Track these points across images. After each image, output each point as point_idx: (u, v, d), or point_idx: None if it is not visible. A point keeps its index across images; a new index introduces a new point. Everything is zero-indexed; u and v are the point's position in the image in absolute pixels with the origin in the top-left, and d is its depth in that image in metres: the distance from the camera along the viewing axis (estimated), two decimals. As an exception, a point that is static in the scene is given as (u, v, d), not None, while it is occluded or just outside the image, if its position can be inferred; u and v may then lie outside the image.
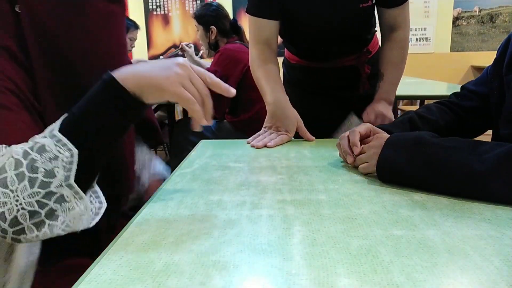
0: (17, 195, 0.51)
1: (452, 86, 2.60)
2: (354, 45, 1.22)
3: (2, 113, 0.58)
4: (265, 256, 0.45)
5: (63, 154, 0.52)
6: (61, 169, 0.52)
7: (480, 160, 0.59)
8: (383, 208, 0.59)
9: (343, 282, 0.40)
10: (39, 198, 0.52)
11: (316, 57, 1.27)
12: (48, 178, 0.52)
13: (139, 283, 0.41)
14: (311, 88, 1.32)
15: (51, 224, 0.53)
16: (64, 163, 0.52)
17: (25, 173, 0.52)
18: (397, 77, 1.15)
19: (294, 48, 1.30)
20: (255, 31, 1.16)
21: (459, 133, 0.89)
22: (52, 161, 0.52)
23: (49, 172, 0.52)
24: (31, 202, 0.51)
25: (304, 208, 0.59)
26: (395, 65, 1.15)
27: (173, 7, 4.71)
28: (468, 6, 4.36)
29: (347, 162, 0.78)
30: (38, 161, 0.52)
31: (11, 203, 0.51)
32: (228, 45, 2.09)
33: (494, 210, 0.57)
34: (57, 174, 0.52)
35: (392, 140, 0.68)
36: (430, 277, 0.41)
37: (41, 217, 0.53)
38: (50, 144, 0.53)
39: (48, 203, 0.53)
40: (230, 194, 0.66)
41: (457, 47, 4.47)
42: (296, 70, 1.34)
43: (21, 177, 0.52)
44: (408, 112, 0.90)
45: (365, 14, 1.13)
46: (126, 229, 0.54)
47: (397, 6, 1.09)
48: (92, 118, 0.55)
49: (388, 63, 1.15)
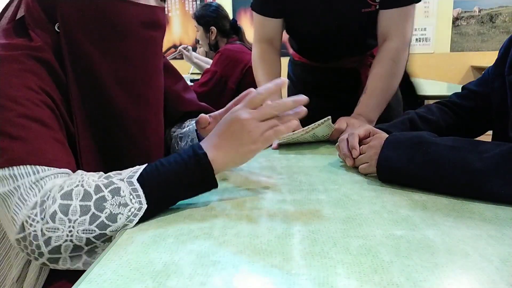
0: (73, 227, 0.52)
1: (452, 86, 2.60)
2: (356, 49, 1.18)
3: (39, 129, 0.57)
4: (265, 256, 0.45)
5: (133, 204, 0.54)
6: (124, 217, 0.53)
7: (481, 159, 0.59)
8: (383, 208, 0.59)
9: (343, 282, 0.40)
10: (91, 237, 0.53)
11: (317, 57, 1.26)
12: (109, 222, 0.53)
13: (139, 283, 0.41)
14: (313, 87, 1.31)
15: (87, 260, 0.54)
16: (129, 212, 0.53)
17: (90, 208, 0.53)
18: (381, 92, 1.03)
19: (297, 46, 1.29)
20: (259, 29, 1.15)
21: (460, 133, 0.89)
22: (120, 207, 0.53)
23: (112, 216, 0.53)
24: (82, 238, 0.52)
25: (304, 208, 0.59)
26: (382, 78, 1.04)
27: (173, 7, 4.71)
28: (468, 6, 4.36)
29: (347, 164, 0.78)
30: (108, 202, 0.53)
31: (63, 231, 0.52)
32: (228, 45, 2.10)
33: (494, 210, 0.57)
34: (118, 221, 0.53)
35: (391, 139, 0.68)
36: (430, 277, 0.40)
37: (81, 252, 0.54)
38: (125, 190, 0.54)
39: (96, 242, 0.54)
40: (230, 194, 0.66)
41: (457, 47, 4.47)
42: (298, 67, 1.33)
43: (84, 211, 0.52)
44: (408, 112, 0.89)
45: (367, 19, 1.06)
46: (126, 229, 0.54)
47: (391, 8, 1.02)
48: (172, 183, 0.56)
49: (374, 76, 1.04)
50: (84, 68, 0.64)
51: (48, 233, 0.52)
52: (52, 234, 0.52)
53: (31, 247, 0.52)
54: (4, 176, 0.54)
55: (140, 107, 0.69)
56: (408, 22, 1.04)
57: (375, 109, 1.02)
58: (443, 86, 2.67)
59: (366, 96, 1.04)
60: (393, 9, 1.02)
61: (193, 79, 2.89)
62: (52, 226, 0.52)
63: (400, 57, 1.04)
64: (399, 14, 1.02)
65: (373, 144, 0.72)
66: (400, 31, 1.03)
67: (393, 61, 1.04)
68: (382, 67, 1.04)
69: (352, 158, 0.76)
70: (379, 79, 1.04)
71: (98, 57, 0.64)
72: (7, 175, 0.54)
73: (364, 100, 1.04)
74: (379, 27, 1.06)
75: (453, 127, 0.88)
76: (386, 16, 1.04)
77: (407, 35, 1.05)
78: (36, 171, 0.55)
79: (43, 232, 0.52)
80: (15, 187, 0.53)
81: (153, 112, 0.72)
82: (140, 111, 0.69)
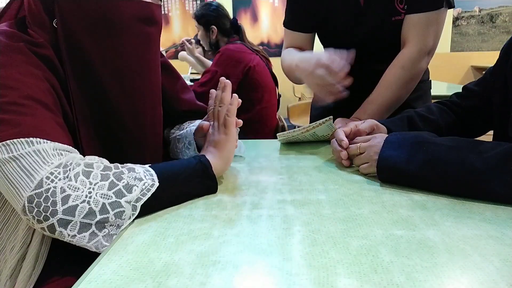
0: (92, 189, 0.54)
1: (452, 86, 2.60)
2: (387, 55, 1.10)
3: (43, 111, 0.59)
4: (265, 256, 0.45)
5: (147, 180, 0.59)
6: (139, 189, 0.57)
7: (481, 159, 0.59)
8: (383, 208, 0.59)
9: (343, 282, 0.40)
10: (107, 203, 0.55)
11: None
12: (125, 191, 0.56)
13: (139, 283, 0.41)
14: None
15: (92, 234, 0.54)
16: (143, 186, 0.58)
17: (110, 176, 0.57)
18: (383, 100, 1.00)
19: None
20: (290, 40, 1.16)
21: (460, 133, 0.88)
22: (136, 180, 0.58)
23: (128, 186, 0.57)
24: (99, 201, 0.54)
25: (304, 208, 0.59)
26: (386, 85, 1.01)
27: (173, 7, 4.71)
28: (468, 6, 4.37)
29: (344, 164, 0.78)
30: (125, 174, 0.58)
31: (83, 191, 0.54)
32: (229, 45, 2.09)
33: (494, 210, 0.57)
34: (133, 192, 0.57)
35: (391, 139, 0.68)
36: (430, 277, 0.41)
37: (93, 220, 0.54)
38: (140, 169, 0.60)
39: (109, 212, 0.55)
40: (230, 194, 0.66)
41: (457, 47, 4.47)
42: None
43: (104, 178, 0.56)
44: (408, 110, 0.89)
45: (398, 27, 1.02)
46: (126, 229, 0.54)
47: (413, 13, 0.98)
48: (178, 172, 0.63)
49: (380, 82, 1.02)
50: (81, 63, 0.66)
51: (68, 190, 0.53)
52: (72, 193, 0.53)
53: (45, 203, 0.51)
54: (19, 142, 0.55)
55: (135, 101, 0.71)
56: (430, 29, 0.98)
57: (373, 115, 0.99)
58: (443, 86, 2.67)
59: (368, 101, 1.03)
60: (415, 15, 0.98)
61: (193, 79, 2.89)
62: (74, 184, 0.53)
63: (412, 65, 1.00)
64: (419, 20, 0.98)
65: (372, 143, 0.72)
66: (418, 38, 0.99)
67: (402, 69, 1.00)
68: (390, 74, 1.01)
69: (347, 155, 0.77)
70: (383, 85, 1.02)
71: (94, 52, 0.66)
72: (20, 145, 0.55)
73: (364, 105, 1.03)
74: (401, 33, 1.02)
75: (453, 127, 0.88)
76: (407, 22, 1.01)
77: (427, 43, 0.99)
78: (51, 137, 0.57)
79: (63, 189, 0.53)
80: (34, 150, 0.54)
81: (149, 106, 0.74)
82: (135, 104, 0.71)
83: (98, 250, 0.54)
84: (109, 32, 0.66)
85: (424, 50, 1.00)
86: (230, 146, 0.71)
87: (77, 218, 0.53)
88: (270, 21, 4.69)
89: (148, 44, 0.71)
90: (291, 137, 0.97)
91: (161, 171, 0.61)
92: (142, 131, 0.73)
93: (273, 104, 2.14)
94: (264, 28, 4.70)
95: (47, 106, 0.60)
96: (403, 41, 1.02)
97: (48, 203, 0.51)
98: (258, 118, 2.00)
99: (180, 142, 0.85)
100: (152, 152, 0.76)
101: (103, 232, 0.54)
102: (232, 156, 0.73)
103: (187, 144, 0.84)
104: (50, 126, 0.59)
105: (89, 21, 0.65)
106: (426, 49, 1.00)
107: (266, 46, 4.67)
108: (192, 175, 0.64)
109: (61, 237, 0.53)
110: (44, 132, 0.57)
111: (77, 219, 0.53)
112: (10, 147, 0.54)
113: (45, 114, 0.59)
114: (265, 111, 2.05)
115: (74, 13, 0.64)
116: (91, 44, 0.66)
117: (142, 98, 0.72)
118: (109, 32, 0.66)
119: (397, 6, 1.01)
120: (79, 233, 0.53)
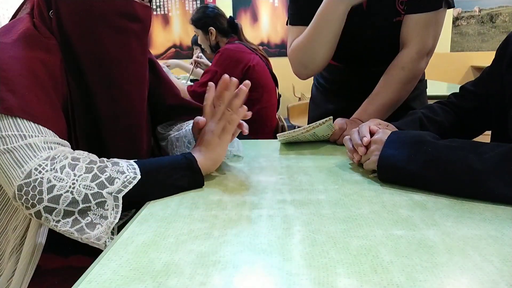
0: (76, 180, 0.59)
1: (452, 86, 2.61)
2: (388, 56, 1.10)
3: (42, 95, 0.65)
4: (265, 256, 0.45)
5: (129, 173, 0.62)
6: (120, 182, 0.61)
7: (481, 159, 0.59)
8: (383, 208, 0.59)
9: (343, 282, 0.40)
10: (89, 193, 0.59)
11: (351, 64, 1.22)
12: (107, 183, 0.60)
13: (139, 283, 0.41)
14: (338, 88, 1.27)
15: (75, 220, 0.59)
16: (125, 179, 0.62)
17: (93, 169, 0.61)
18: (383, 100, 1.01)
19: None
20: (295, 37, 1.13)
21: (459, 133, 0.89)
22: (118, 173, 0.62)
23: (111, 179, 0.61)
24: (81, 192, 0.59)
25: (304, 208, 0.59)
26: (386, 86, 1.01)
27: (173, 7, 4.71)
28: (468, 6, 4.37)
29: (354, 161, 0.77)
30: (108, 168, 0.62)
31: (67, 182, 0.59)
32: (228, 45, 2.09)
33: (494, 210, 0.57)
34: (115, 184, 0.61)
35: (393, 138, 0.68)
36: (430, 277, 0.41)
37: (75, 208, 0.59)
38: (124, 163, 0.64)
39: (91, 202, 0.59)
40: (230, 194, 0.66)
41: (457, 47, 4.47)
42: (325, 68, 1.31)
43: (88, 170, 0.60)
44: (415, 111, 0.88)
45: (399, 28, 1.02)
46: (126, 229, 0.54)
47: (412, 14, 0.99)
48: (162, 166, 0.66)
49: (379, 82, 1.02)
50: (69, 50, 0.71)
51: (53, 181, 0.58)
52: (57, 183, 0.58)
53: (33, 192, 0.57)
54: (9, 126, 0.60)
55: (110, 89, 0.74)
56: (429, 29, 0.99)
57: (373, 115, 0.99)
58: (443, 86, 2.67)
59: (368, 101, 1.03)
60: (414, 15, 0.99)
61: (193, 79, 2.89)
62: (59, 176, 0.58)
63: (412, 65, 1.00)
64: (419, 20, 0.98)
65: (375, 139, 0.72)
66: (418, 38, 0.99)
67: (402, 69, 1.00)
68: (390, 74, 1.01)
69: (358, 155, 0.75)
70: (383, 86, 1.02)
71: (79, 42, 0.71)
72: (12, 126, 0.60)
73: (364, 105, 1.03)
74: (400, 34, 1.02)
75: (455, 127, 0.88)
76: (406, 22, 1.00)
77: (426, 43, 1.00)
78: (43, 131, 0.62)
79: (49, 179, 0.58)
80: (26, 144, 0.60)
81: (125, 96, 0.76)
82: (110, 93, 0.74)
83: (82, 239, 0.58)
84: (93, 23, 0.71)
85: (424, 50, 1.00)
86: (220, 150, 0.72)
87: (61, 206, 0.58)
88: (270, 21, 4.69)
89: (126, 38, 0.75)
90: (291, 137, 0.97)
91: (144, 165, 0.65)
92: (115, 119, 0.76)
93: (273, 104, 2.15)
94: (264, 28, 4.70)
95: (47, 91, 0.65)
96: (403, 41, 1.02)
97: (35, 192, 0.57)
98: (258, 118, 1.99)
99: (179, 141, 0.87)
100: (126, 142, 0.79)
101: (86, 220, 0.59)
102: (221, 160, 0.74)
103: (187, 143, 0.85)
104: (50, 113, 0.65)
105: (77, 11, 0.70)
106: (426, 49, 1.00)
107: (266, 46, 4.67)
108: (176, 168, 0.67)
109: (47, 222, 0.58)
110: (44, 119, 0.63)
111: (61, 207, 0.58)
112: (6, 140, 0.59)
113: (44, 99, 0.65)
114: (265, 111, 2.05)
115: (66, 4, 0.70)
116: (76, 32, 0.71)
117: (117, 87, 0.75)
118: (92, 24, 0.71)
119: (398, 7, 1.01)
120: (63, 218, 0.58)
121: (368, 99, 1.03)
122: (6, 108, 0.59)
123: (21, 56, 0.64)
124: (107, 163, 0.63)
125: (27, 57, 0.65)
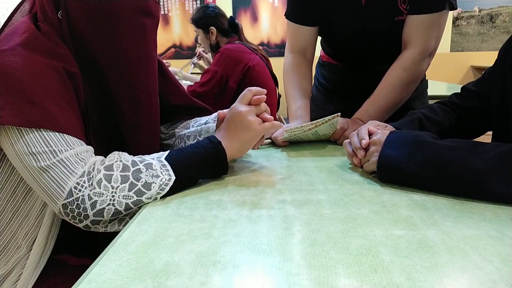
0: (115, 192, 0.61)
1: (452, 86, 2.61)
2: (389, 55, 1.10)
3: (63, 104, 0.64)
4: (265, 256, 0.45)
5: (163, 176, 0.64)
6: (157, 186, 0.63)
7: (481, 159, 0.59)
8: (383, 208, 0.59)
9: (343, 282, 0.40)
10: (129, 202, 0.61)
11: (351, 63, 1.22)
12: (145, 189, 0.62)
13: (139, 283, 0.41)
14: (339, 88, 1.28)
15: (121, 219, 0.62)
16: (161, 182, 0.63)
17: (129, 177, 0.62)
18: (384, 101, 1.01)
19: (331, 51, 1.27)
20: (293, 38, 1.15)
21: (460, 133, 0.89)
22: (153, 177, 0.63)
23: (147, 185, 0.62)
24: (122, 202, 0.61)
25: (304, 208, 0.59)
26: (387, 86, 1.01)
27: (173, 7, 4.71)
28: (468, 6, 4.36)
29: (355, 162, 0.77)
30: (143, 173, 0.63)
31: (107, 196, 0.60)
32: (228, 45, 2.09)
33: (494, 210, 0.57)
34: (152, 189, 0.62)
35: (392, 138, 0.68)
36: (430, 277, 0.41)
37: (119, 217, 0.62)
38: (157, 165, 0.64)
39: (132, 208, 0.62)
40: (230, 194, 0.66)
41: (457, 47, 4.47)
42: (326, 68, 1.31)
43: (124, 179, 0.62)
44: (414, 112, 0.88)
45: (401, 28, 1.02)
46: (126, 229, 0.54)
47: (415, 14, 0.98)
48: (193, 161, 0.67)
49: (381, 83, 1.02)
50: (83, 52, 0.69)
51: (94, 197, 0.60)
52: (98, 198, 0.60)
53: (78, 209, 0.60)
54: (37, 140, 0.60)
55: (131, 88, 0.74)
56: (432, 30, 0.98)
57: (374, 116, 0.99)
58: (443, 86, 2.67)
59: (369, 101, 1.03)
60: (417, 16, 0.98)
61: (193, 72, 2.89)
62: (98, 191, 0.60)
63: (414, 67, 1.00)
64: (422, 21, 0.98)
65: (373, 140, 0.72)
66: (420, 39, 0.99)
67: (404, 70, 1.00)
68: (392, 75, 1.01)
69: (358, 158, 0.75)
70: (385, 86, 1.01)
71: (94, 41, 0.70)
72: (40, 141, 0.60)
73: (366, 105, 1.03)
74: (403, 34, 1.02)
75: (455, 127, 0.88)
76: (409, 23, 1.00)
77: (429, 45, 0.99)
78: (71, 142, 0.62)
79: (90, 196, 0.60)
80: (58, 161, 0.60)
81: (145, 94, 0.76)
82: (132, 91, 0.74)
83: None
84: (107, 21, 0.69)
85: (426, 51, 1.00)
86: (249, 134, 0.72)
87: (106, 218, 0.61)
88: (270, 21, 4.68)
89: (144, 35, 0.74)
90: (294, 136, 0.97)
91: (176, 163, 0.66)
92: (138, 117, 0.76)
93: (273, 104, 2.14)
94: (264, 28, 4.70)
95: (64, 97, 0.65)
96: (405, 42, 1.02)
97: (80, 210, 0.60)
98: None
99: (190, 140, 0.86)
100: (147, 139, 0.79)
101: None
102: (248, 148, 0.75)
103: None
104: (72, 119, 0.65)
105: (90, 11, 0.68)
106: (428, 50, 1.00)
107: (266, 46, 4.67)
108: (207, 164, 0.69)
109: (96, 230, 0.63)
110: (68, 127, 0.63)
111: (107, 218, 0.61)
112: (37, 157, 0.60)
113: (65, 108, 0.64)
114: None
115: (76, 4, 0.68)
116: (91, 33, 0.69)
117: (139, 85, 0.75)
118: (107, 22, 0.69)
119: (400, 6, 1.01)
120: (110, 222, 0.63)
121: (369, 100, 1.03)
122: (31, 122, 0.59)
123: (31, 64, 0.62)
124: (141, 166, 0.63)
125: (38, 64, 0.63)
